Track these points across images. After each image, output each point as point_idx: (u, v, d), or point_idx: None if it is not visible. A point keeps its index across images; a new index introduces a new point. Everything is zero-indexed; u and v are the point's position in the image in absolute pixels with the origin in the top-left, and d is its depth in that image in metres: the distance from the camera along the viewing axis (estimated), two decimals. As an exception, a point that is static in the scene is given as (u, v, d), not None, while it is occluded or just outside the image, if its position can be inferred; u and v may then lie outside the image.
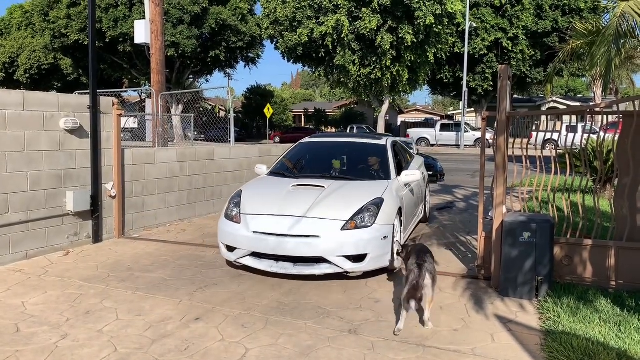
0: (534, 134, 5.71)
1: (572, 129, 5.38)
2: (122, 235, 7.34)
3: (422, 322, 4.29)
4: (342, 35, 27.98)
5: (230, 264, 5.92)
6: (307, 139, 8.01)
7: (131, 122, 13.83)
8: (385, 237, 5.45)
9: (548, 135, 6.01)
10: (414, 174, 6.68)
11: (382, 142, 7.41)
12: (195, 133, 15.69)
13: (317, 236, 5.25)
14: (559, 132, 5.57)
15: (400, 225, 6.09)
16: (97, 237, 6.93)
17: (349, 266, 5.27)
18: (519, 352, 3.81)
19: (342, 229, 5.32)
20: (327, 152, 7.56)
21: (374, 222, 5.42)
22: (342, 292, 5.08)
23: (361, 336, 4.06)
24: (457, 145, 35.08)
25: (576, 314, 4.32)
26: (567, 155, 5.45)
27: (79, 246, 6.68)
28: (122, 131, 7.84)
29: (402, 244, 5.45)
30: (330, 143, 7.97)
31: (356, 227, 5.36)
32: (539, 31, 33.87)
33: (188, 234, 7.71)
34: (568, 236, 5.23)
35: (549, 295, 4.76)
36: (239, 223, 5.60)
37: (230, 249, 5.63)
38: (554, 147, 6.74)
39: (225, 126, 12.19)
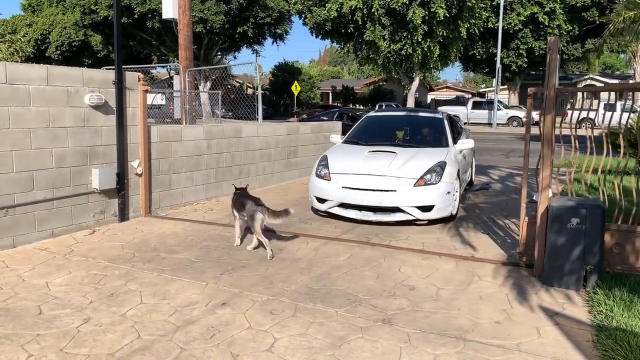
0: (584, 113, 5.30)
1: (610, 107, 4.94)
2: (148, 213, 7.21)
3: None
4: (372, 10, 27.26)
5: (316, 212, 7.32)
6: (372, 113, 9.32)
7: (159, 99, 13.68)
8: (448, 192, 6.69)
9: (593, 114, 5.58)
10: (468, 142, 7.89)
11: (439, 115, 8.56)
12: (223, 110, 15.50)
13: (395, 191, 6.54)
14: (613, 110, 5.10)
15: (459, 184, 7.24)
16: (123, 215, 6.81)
17: (419, 215, 6.55)
18: (569, 349, 3.50)
19: (414, 185, 6.59)
20: (392, 124, 8.69)
21: (439, 180, 6.65)
22: (374, 278, 4.83)
23: (396, 327, 3.81)
24: (490, 124, 34.16)
25: (630, 308, 3.97)
26: (620, 136, 5.01)
27: (105, 224, 6.58)
28: (150, 108, 7.68)
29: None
30: (394, 117, 9.34)
31: (425, 184, 6.61)
32: (577, 5, 32.47)
33: (215, 212, 7.54)
34: (619, 222, 4.85)
35: (598, 286, 4.41)
36: (329, 180, 6.94)
37: (321, 200, 7.02)
38: (600, 126, 6.28)
39: (253, 103, 11.96)
